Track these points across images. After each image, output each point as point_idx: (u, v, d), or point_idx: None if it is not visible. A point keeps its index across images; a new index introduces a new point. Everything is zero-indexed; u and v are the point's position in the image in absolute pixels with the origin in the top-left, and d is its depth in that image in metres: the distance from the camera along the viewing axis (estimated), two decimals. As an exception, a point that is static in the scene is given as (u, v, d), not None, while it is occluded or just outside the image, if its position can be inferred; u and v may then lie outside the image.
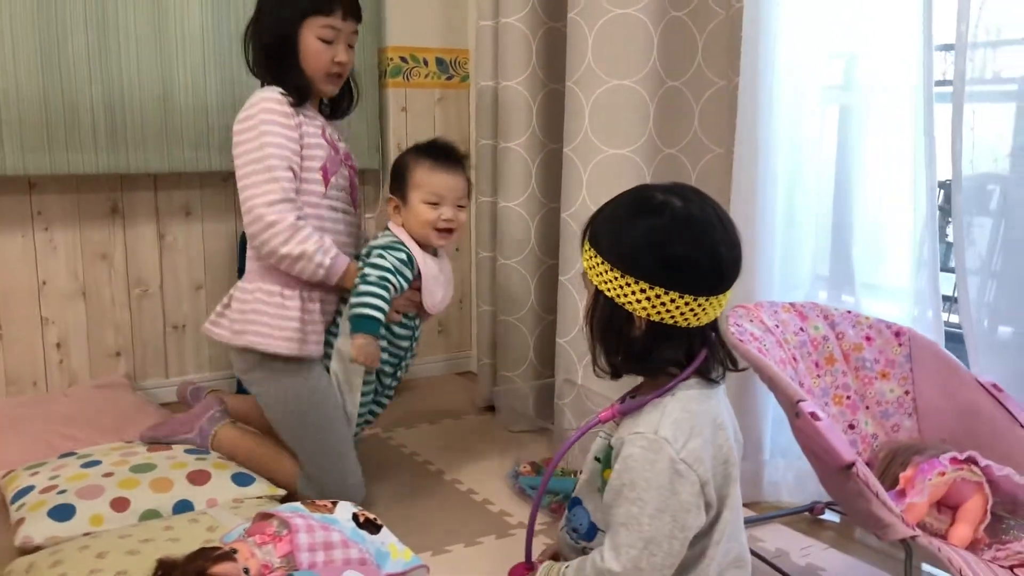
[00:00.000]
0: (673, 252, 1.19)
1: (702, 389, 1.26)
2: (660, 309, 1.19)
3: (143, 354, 2.77)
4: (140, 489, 1.86)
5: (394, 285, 1.89)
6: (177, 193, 2.75)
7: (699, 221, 1.20)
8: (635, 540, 1.19)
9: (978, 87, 1.77)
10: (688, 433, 1.20)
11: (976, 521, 1.59)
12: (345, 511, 1.63)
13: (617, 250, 1.21)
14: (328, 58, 1.97)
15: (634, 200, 1.25)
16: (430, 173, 1.97)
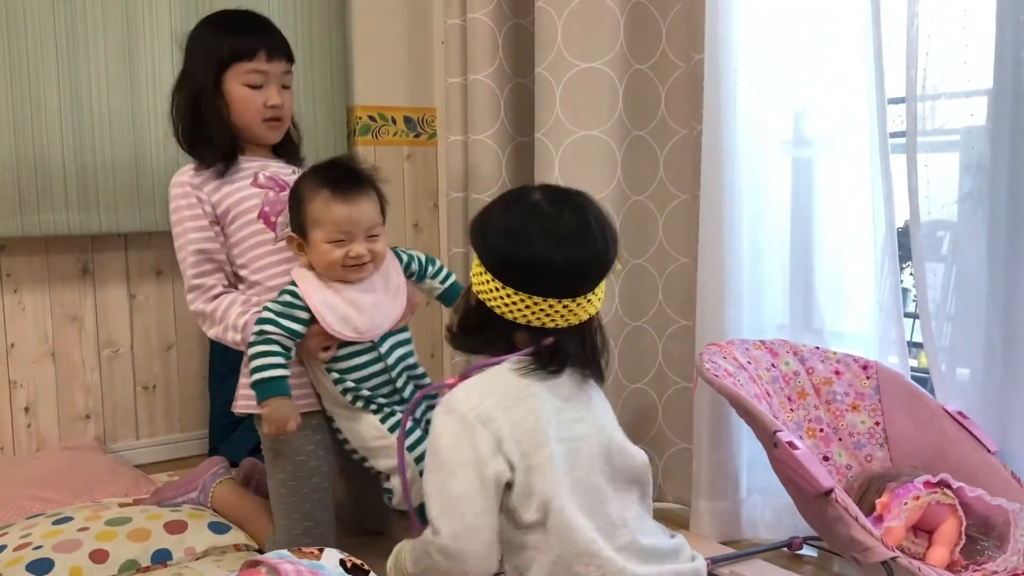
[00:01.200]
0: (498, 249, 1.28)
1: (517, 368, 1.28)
2: (482, 289, 1.28)
3: (113, 416, 2.74)
4: (118, 540, 1.84)
5: (278, 332, 1.74)
6: (148, 253, 2.76)
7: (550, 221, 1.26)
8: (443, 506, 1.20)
9: (925, 138, 1.86)
10: (480, 395, 1.24)
11: (952, 543, 1.63)
12: (332, 557, 1.62)
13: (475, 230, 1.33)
14: (259, 103, 1.88)
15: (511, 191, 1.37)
16: (332, 207, 1.74)
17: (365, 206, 1.78)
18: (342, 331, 1.78)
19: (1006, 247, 1.79)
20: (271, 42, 1.89)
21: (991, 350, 1.82)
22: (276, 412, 1.70)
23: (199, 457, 2.81)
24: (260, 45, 1.87)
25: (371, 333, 1.82)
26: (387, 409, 1.84)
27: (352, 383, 1.82)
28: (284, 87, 1.92)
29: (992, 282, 1.81)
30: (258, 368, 1.73)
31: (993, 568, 1.57)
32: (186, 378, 2.84)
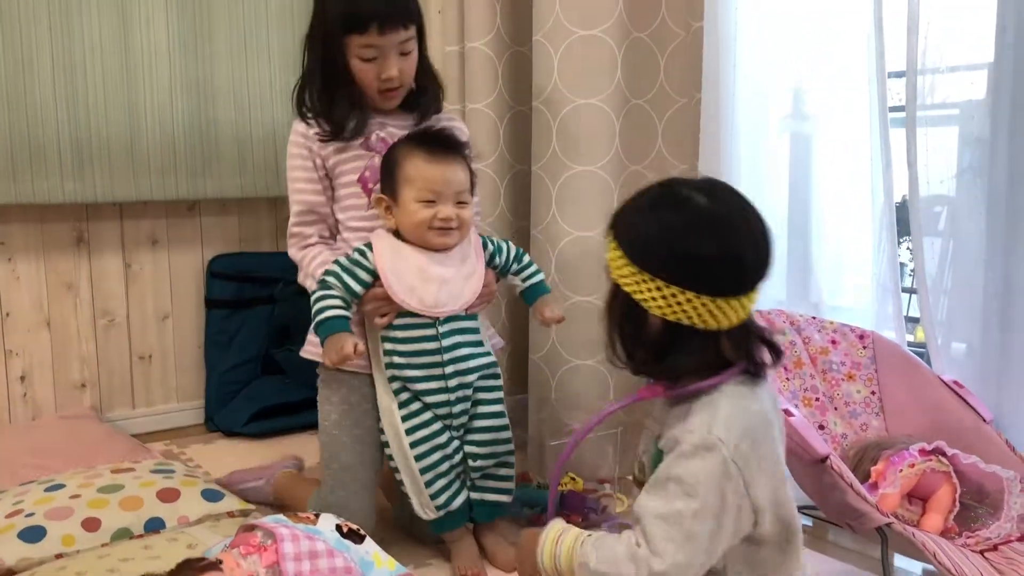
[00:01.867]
0: (689, 250, 1.14)
1: (749, 386, 1.20)
2: (676, 308, 1.14)
3: (109, 385, 2.74)
4: (110, 508, 1.84)
5: (338, 286, 1.73)
6: (143, 222, 2.74)
7: (722, 220, 1.15)
8: (675, 534, 1.12)
9: (924, 112, 1.85)
10: (739, 431, 1.14)
11: (946, 510, 1.64)
12: (328, 522, 1.62)
13: (635, 245, 1.17)
14: (372, 76, 1.83)
15: (658, 193, 1.20)
16: (424, 166, 1.74)
17: (457, 169, 1.77)
18: (405, 299, 1.74)
19: (1005, 221, 1.78)
20: (385, 10, 1.80)
21: (988, 323, 1.82)
22: (336, 341, 1.67)
23: (196, 427, 2.83)
24: (373, 17, 1.78)
25: (435, 309, 1.76)
26: (413, 405, 1.78)
27: (399, 359, 1.77)
28: (404, 54, 1.85)
29: (990, 256, 1.80)
30: (318, 311, 1.72)
31: (987, 535, 1.58)
32: (182, 348, 2.84)
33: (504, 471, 1.86)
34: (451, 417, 1.80)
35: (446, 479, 1.79)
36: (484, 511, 1.86)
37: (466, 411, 1.82)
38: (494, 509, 1.86)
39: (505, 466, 1.86)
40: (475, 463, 1.82)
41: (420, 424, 1.78)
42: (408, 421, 1.78)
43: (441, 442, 1.79)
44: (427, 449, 1.77)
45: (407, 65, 1.86)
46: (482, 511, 1.85)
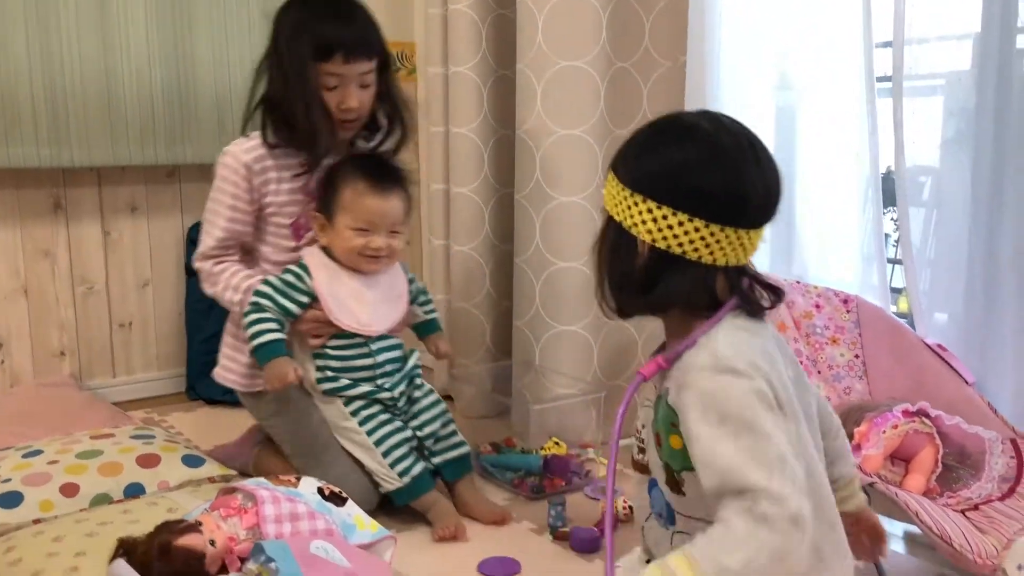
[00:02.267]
0: (690, 176, 1.06)
1: (746, 319, 1.10)
2: (667, 233, 1.06)
3: (89, 353, 2.70)
4: (89, 474, 1.83)
5: (272, 308, 1.79)
6: (122, 189, 2.70)
7: (724, 149, 1.07)
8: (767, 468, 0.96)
9: (910, 83, 1.84)
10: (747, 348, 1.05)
11: (928, 471, 1.65)
12: (309, 485, 1.61)
13: (632, 171, 1.10)
14: (334, 103, 1.83)
15: (662, 123, 1.13)
16: (362, 197, 1.79)
17: (395, 203, 1.83)
18: (344, 320, 1.82)
19: (989, 191, 1.78)
20: (350, 40, 1.80)
21: (972, 291, 1.82)
22: (276, 368, 1.75)
23: (177, 395, 2.80)
24: (339, 46, 1.78)
25: (370, 328, 1.85)
26: (357, 402, 1.86)
27: (332, 372, 1.85)
28: (364, 86, 1.85)
29: (974, 226, 1.80)
30: (255, 335, 1.78)
31: (968, 495, 1.59)
32: (162, 316, 2.81)
33: (450, 428, 1.93)
34: (393, 403, 1.88)
35: (403, 448, 1.83)
36: (451, 469, 1.90)
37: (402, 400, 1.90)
38: (459, 464, 1.91)
39: (449, 424, 1.94)
40: (424, 431, 1.89)
41: (368, 411, 1.85)
42: (352, 405, 1.85)
43: (388, 418, 1.86)
44: (377, 424, 1.84)
45: (366, 97, 1.87)
46: (449, 469, 1.90)
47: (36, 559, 1.50)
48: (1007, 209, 1.76)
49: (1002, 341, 1.78)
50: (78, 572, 1.45)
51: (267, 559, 1.34)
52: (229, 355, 2.01)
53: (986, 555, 1.41)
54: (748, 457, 0.97)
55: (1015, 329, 1.75)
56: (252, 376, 1.95)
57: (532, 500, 1.98)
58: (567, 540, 1.78)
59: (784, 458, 0.97)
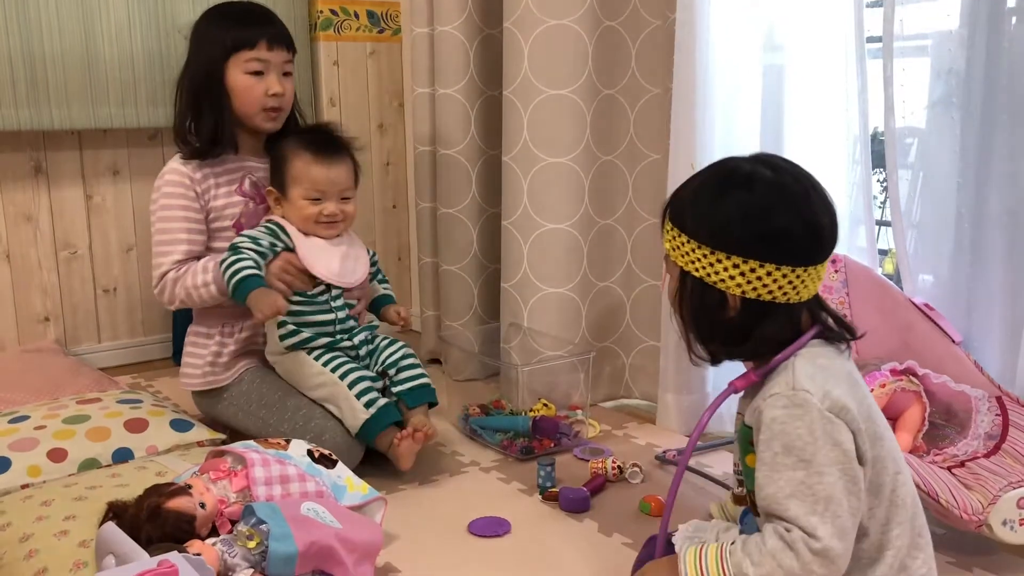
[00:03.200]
0: (770, 225, 1.09)
1: (826, 349, 1.14)
2: (756, 284, 1.10)
3: (73, 319, 2.69)
4: (76, 439, 1.82)
5: (250, 248, 1.84)
6: (104, 152, 2.67)
7: (793, 190, 1.11)
8: (815, 506, 1.04)
9: (898, 43, 1.82)
10: (824, 383, 1.08)
11: (915, 429, 1.66)
12: (299, 448, 1.61)
13: (706, 227, 1.12)
14: (260, 91, 1.93)
15: (720, 174, 1.15)
16: (310, 167, 1.88)
17: (341, 170, 1.91)
18: (318, 268, 1.89)
19: (976, 153, 1.77)
20: (272, 31, 1.94)
21: (958, 253, 1.83)
22: (262, 298, 1.76)
23: (163, 360, 2.79)
24: (262, 34, 1.93)
25: (343, 279, 1.92)
26: (320, 351, 1.91)
27: (293, 327, 1.90)
28: (286, 75, 1.98)
29: (962, 187, 1.80)
30: (232, 274, 1.80)
31: (954, 452, 1.60)
32: (147, 281, 2.76)
33: (411, 360, 1.97)
34: (355, 351, 1.96)
35: (367, 383, 1.87)
36: (412, 396, 1.93)
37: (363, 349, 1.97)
38: (420, 392, 1.94)
39: (410, 357, 1.98)
40: (385, 363, 1.95)
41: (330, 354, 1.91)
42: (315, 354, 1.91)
43: (351, 356, 1.94)
44: (341, 363, 1.89)
45: (288, 87, 1.99)
46: (411, 396, 1.93)
47: (25, 523, 1.49)
48: (994, 170, 1.76)
49: (988, 301, 1.79)
50: (68, 535, 1.44)
51: (257, 521, 1.34)
52: (191, 352, 2.04)
53: (972, 511, 1.42)
54: (797, 490, 1.05)
55: (1001, 289, 1.75)
56: (211, 373, 2.00)
57: (521, 461, 1.99)
58: (556, 500, 1.78)
59: (831, 499, 1.04)
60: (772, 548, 1.05)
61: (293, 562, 1.31)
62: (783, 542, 1.04)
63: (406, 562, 1.57)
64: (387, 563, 1.56)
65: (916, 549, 1.12)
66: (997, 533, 1.43)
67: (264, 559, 1.31)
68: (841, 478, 1.04)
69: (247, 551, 1.32)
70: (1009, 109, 1.71)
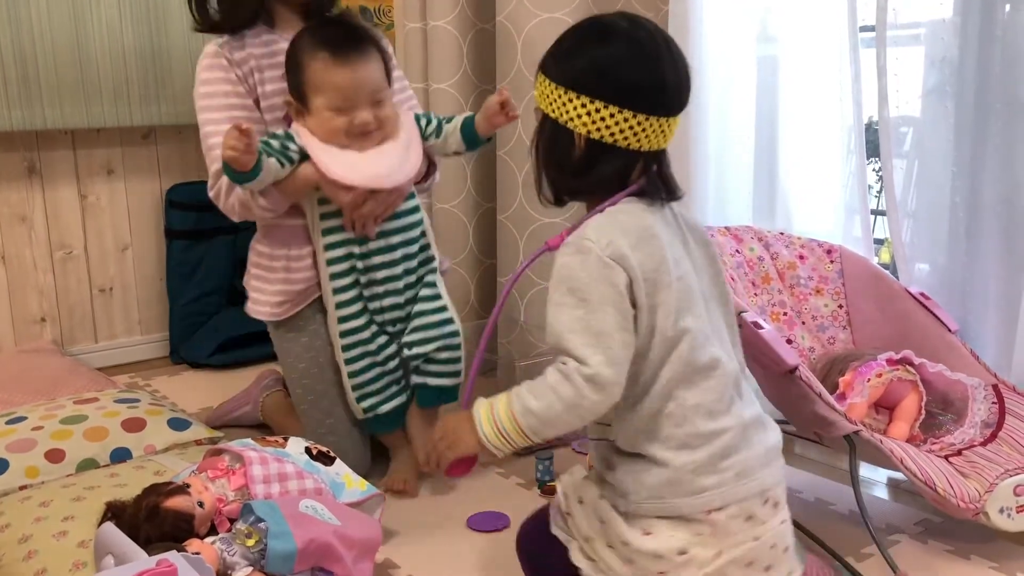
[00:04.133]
0: (617, 74, 1.16)
1: (639, 205, 1.21)
2: (600, 125, 1.16)
3: (70, 319, 2.68)
4: (74, 439, 1.81)
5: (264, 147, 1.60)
6: (98, 151, 2.66)
7: (645, 46, 1.18)
8: (588, 339, 1.12)
9: (893, 32, 1.82)
10: (610, 235, 1.16)
11: (912, 419, 1.66)
12: (297, 445, 1.61)
13: (565, 71, 1.19)
14: None
15: (583, 26, 1.23)
16: (331, 71, 1.60)
17: (369, 69, 1.64)
18: (346, 175, 1.62)
19: (970, 142, 1.77)
20: None
21: (954, 240, 1.83)
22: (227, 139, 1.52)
23: (161, 359, 2.79)
24: None
25: (387, 179, 1.66)
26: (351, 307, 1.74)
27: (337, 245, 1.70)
28: None
29: (956, 175, 1.80)
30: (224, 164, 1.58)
31: (951, 440, 1.60)
32: (143, 280, 2.78)
33: (446, 354, 1.79)
34: (382, 312, 1.76)
35: (373, 385, 1.76)
36: (426, 395, 1.81)
37: (398, 305, 1.76)
38: (437, 394, 1.81)
39: (448, 349, 1.79)
40: (413, 351, 1.77)
41: (352, 329, 1.75)
42: (342, 324, 1.75)
43: (371, 348, 1.76)
44: (357, 354, 1.75)
45: None
46: (424, 395, 1.81)
47: (24, 524, 1.49)
48: (988, 159, 1.76)
49: (984, 290, 1.79)
50: (67, 536, 1.44)
51: (256, 519, 1.34)
52: (256, 287, 1.86)
53: (969, 499, 1.43)
54: (575, 326, 1.13)
55: (997, 277, 1.75)
56: (280, 305, 1.83)
57: (519, 455, 1.99)
58: (554, 495, 1.78)
59: (603, 332, 1.12)
60: (551, 381, 1.14)
61: (292, 560, 1.31)
62: (560, 374, 1.13)
63: (405, 558, 1.57)
64: (387, 559, 1.56)
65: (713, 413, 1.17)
66: (994, 521, 1.44)
67: (263, 557, 1.31)
68: (615, 315, 1.12)
69: (246, 549, 1.32)
70: (1003, 97, 1.71)
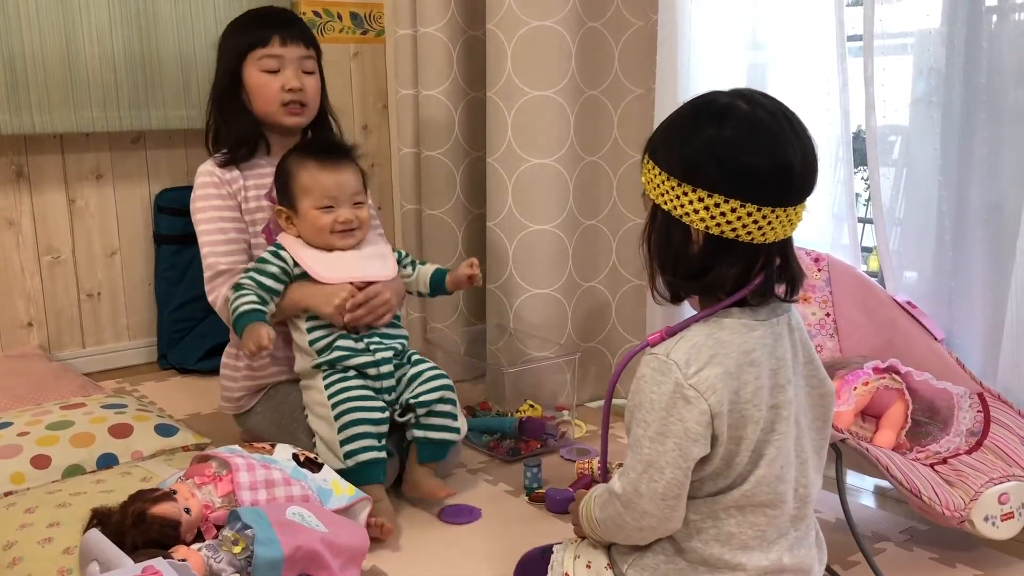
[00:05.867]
0: (737, 162, 1.07)
1: (745, 320, 1.13)
2: (720, 220, 1.07)
3: (57, 324, 2.67)
4: (60, 445, 1.80)
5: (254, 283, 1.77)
6: (86, 156, 2.65)
7: (766, 126, 1.08)
8: (636, 463, 1.12)
9: (880, 41, 1.83)
10: (705, 360, 1.08)
11: (898, 427, 1.66)
12: (284, 451, 1.61)
13: (676, 160, 1.09)
14: (275, 88, 1.89)
15: (696, 106, 1.13)
16: (317, 175, 1.81)
17: (348, 173, 1.84)
18: (332, 275, 1.79)
19: (958, 150, 1.78)
20: (285, 29, 1.92)
21: (941, 248, 1.84)
22: (249, 335, 1.69)
23: (148, 365, 2.78)
24: (274, 32, 1.91)
25: (370, 274, 1.83)
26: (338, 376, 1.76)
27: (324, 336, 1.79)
28: (306, 72, 1.94)
29: (944, 184, 1.81)
30: (235, 309, 1.74)
31: (936, 449, 1.61)
32: (132, 285, 2.77)
33: (445, 407, 1.80)
34: (380, 379, 1.78)
35: (361, 428, 1.70)
36: (427, 450, 1.78)
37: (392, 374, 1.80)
38: (437, 448, 1.79)
39: (444, 402, 1.80)
40: (417, 399, 1.78)
41: (343, 384, 1.75)
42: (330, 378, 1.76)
43: (364, 395, 1.74)
44: (346, 399, 1.73)
45: (311, 83, 1.94)
46: (424, 450, 1.78)
47: (8, 531, 1.48)
48: (975, 168, 1.77)
49: (970, 298, 1.80)
50: (52, 543, 1.44)
51: (243, 526, 1.34)
52: (225, 386, 2.01)
53: (954, 507, 1.43)
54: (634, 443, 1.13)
55: (983, 285, 1.77)
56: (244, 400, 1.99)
57: (507, 462, 1.99)
58: (543, 502, 1.79)
59: (653, 464, 1.10)
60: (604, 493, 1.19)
61: (279, 567, 1.31)
62: (608, 489, 1.17)
63: (393, 565, 1.57)
64: (373, 566, 1.56)
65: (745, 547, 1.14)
66: (979, 529, 1.44)
67: (250, 564, 1.31)
68: (673, 452, 1.09)
69: (232, 556, 1.31)
70: (988, 107, 1.73)
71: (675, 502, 1.11)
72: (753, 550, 1.13)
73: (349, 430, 1.70)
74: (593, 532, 1.25)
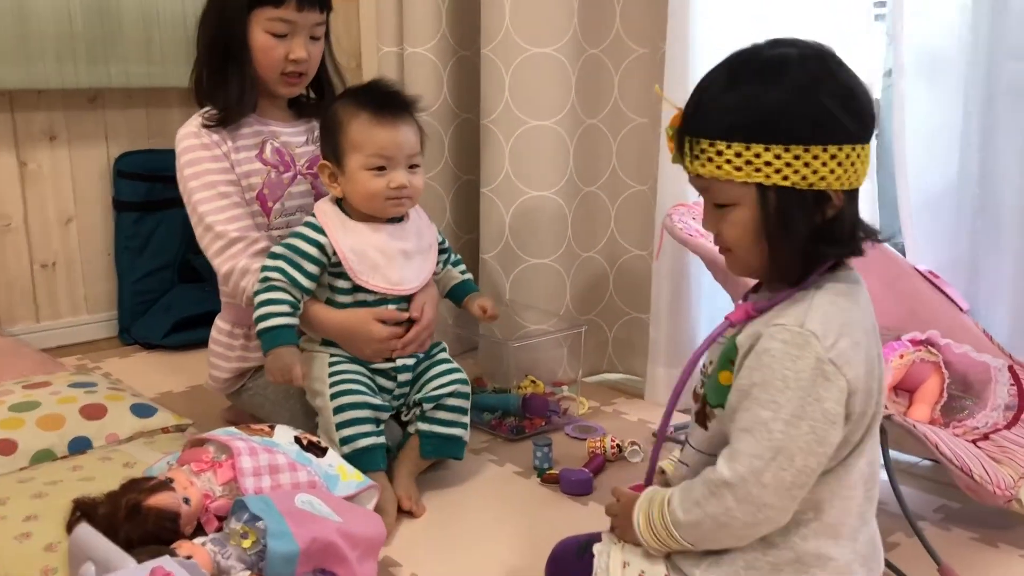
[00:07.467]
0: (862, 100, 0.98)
1: (849, 284, 1.03)
2: (850, 171, 0.98)
3: (8, 296, 2.48)
4: (27, 428, 1.63)
5: (285, 281, 1.57)
6: (38, 115, 2.45)
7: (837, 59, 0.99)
8: (761, 449, 0.96)
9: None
10: (839, 330, 0.97)
11: (933, 401, 1.60)
12: (286, 434, 1.47)
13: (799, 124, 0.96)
14: (280, 55, 1.71)
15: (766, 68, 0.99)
16: (371, 129, 1.58)
17: (408, 131, 1.62)
18: (369, 280, 1.61)
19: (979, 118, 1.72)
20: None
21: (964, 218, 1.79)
22: (276, 361, 1.53)
23: (110, 340, 2.61)
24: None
25: (401, 287, 1.64)
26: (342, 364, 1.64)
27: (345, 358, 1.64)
28: (314, 38, 1.76)
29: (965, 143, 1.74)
30: (260, 317, 1.56)
31: (974, 424, 1.54)
32: (90, 255, 2.59)
33: (455, 401, 1.68)
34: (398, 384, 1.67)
35: (360, 413, 1.58)
36: (430, 445, 1.66)
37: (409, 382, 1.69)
38: (441, 444, 1.67)
39: (456, 396, 1.68)
40: (427, 393, 1.67)
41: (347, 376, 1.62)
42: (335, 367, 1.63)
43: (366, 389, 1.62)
44: (347, 390, 1.60)
45: (316, 51, 1.77)
46: (428, 445, 1.66)
47: (-22, 525, 1.33)
48: (999, 131, 1.71)
49: (997, 265, 1.74)
50: (31, 538, 1.29)
51: (252, 517, 1.21)
52: (215, 364, 1.85)
53: (1005, 486, 1.37)
54: (756, 427, 0.97)
55: (1012, 253, 1.71)
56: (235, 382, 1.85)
57: (512, 441, 1.88)
58: (556, 483, 1.69)
59: (783, 449, 0.96)
60: (697, 491, 1.01)
61: (294, 562, 1.18)
62: (707, 482, 1.00)
63: (406, 555, 1.45)
64: (386, 556, 1.44)
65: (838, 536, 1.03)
66: (1027, 507, 1.38)
67: (261, 559, 1.18)
68: (807, 435, 0.96)
69: (242, 551, 1.19)
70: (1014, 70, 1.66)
71: (800, 492, 0.98)
72: (845, 538, 1.03)
73: (347, 413, 1.57)
74: (664, 541, 1.05)
